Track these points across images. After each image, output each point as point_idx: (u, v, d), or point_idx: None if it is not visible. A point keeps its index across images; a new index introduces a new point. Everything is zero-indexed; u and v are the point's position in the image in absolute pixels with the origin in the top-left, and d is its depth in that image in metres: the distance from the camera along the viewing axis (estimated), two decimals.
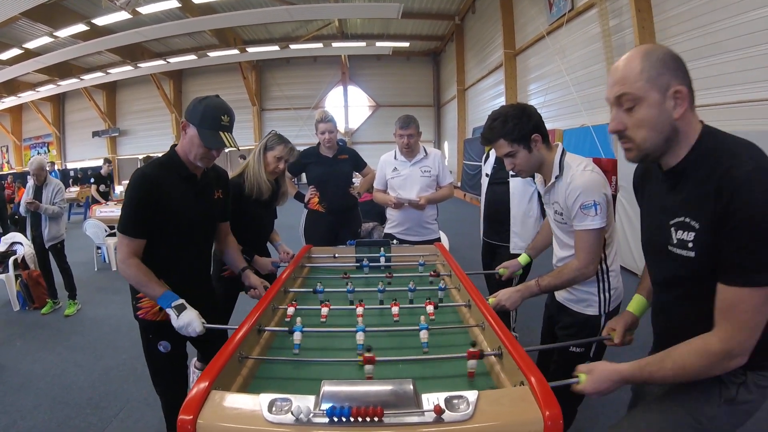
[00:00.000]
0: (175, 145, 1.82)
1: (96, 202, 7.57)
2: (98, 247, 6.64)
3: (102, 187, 7.77)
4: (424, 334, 1.50)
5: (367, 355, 1.27)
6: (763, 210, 0.89)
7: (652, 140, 1.06)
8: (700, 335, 1.01)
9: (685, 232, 1.03)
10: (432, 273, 2.21)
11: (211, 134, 1.69)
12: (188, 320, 1.61)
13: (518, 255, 2.28)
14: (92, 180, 8.14)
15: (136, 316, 1.84)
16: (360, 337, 1.47)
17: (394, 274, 2.30)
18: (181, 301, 1.64)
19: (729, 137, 1.03)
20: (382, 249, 2.55)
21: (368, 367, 1.26)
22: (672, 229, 1.07)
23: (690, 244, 1.03)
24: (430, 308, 1.71)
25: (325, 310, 1.70)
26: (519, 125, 1.72)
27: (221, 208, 2.02)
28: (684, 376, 1.04)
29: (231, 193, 2.11)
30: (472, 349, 1.29)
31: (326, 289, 1.94)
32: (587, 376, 1.15)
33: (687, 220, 1.03)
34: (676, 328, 1.14)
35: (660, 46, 1.07)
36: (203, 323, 1.63)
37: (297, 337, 1.47)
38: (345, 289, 1.95)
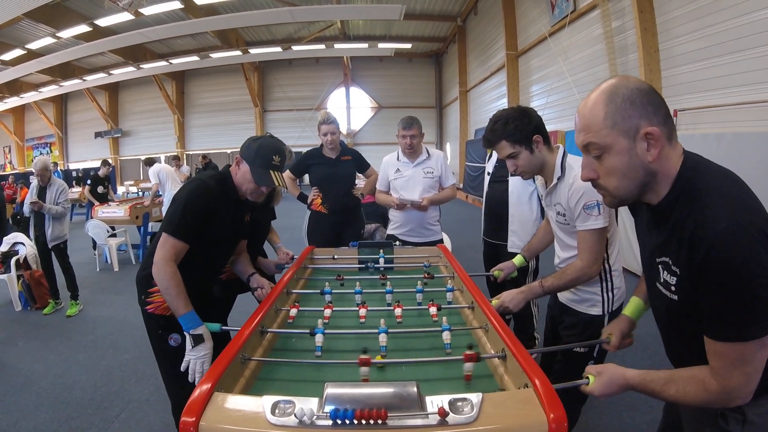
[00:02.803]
0: (228, 166, 1.92)
1: (92, 203, 7.59)
2: (94, 247, 6.68)
3: (100, 189, 7.79)
4: (446, 336, 1.49)
5: (363, 357, 1.25)
6: (737, 269, 0.86)
7: (626, 188, 1.01)
8: (703, 368, 0.98)
9: (669, 275, 1.01)
10: (425, 275, 2.20)
11: (263, 172, 1.80)
12: (201, 355, 1.62)
13: (516, 254, 2.28)
14: (89, 181, 8.15)
15: (145, 311, 1.83)
16: (383, 338, 1.47)
17: (397, 276, 2.30)
18: (201, 331, 1.64)
19: (708, 174, 0.97)
20: (382, 251, 2.55)
21: (363, 370, 1.25)
22: (659, 266, 1.05)
23: (673, 288, 1.01)
24: (433, 310, 1.71)
25: (328, 312, 1.69)
26: (520, 126, 1.72)
27: (246, 231, 2.14)
28: (685, 403, 1.03)
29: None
30: (468, 352, 1.28)
31: (334, 291, 1.95)
32: (596, 378, 1.13)
33: (669, 262, 1.00)
34: (683, 344, 1.12)
35: (627, 81, 0.98)
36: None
37: (319, 339, 1.46)
38: (353, 291, 1.94)
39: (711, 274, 0.89)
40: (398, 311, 1.70)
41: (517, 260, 2.21)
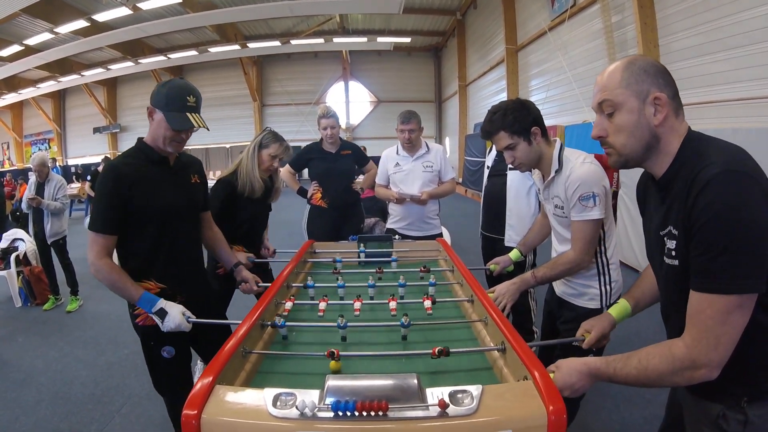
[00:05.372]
0: (141, 138, 1.78)
1: (91, 198, 7.63)
2: None
3: None
4: None
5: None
6: (723, 214, 0.87)
7: (631, 146, 1.07)
8: (671, 339, 1.00)
9: (671, 241, 1.03)
10: (422, 269, 2.20)
11: (179, 116, 1.65)
12: (174, 325, 1.61)
13: (513, 248, 2.28)
14: (88, 177, 8.21)
15: (135, 324, 1.79)
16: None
17: (394, 270, 2.30)
18: (160, 306, 1.62)
19: (711, 142, 1.01)
20: (380, 245, 2.55)
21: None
22: (664, 239, 1.06)
23: (674, 253, 1.03)
24: (427, 303, 1.71)
25: (323, 305, 1.70)
26: (519, 118, 1.73)
27: (200, 195, 1.97)
28: (647, 379, 1.02)
29: (207, 181, 2.07)
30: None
31: (317, 284, 1.94)
32: (555, 373, 1.14)
33: (671, 229, 1.03)
34: (682, 321, 1.12)
35: (644, 57, 1.09)
36: (188, 319, 1.63)
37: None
38: (351, 284, 1.93)
39: (698, 218, 0.91)
40: (392, 305, 1.70)
41: (513, 254, 2.21)
